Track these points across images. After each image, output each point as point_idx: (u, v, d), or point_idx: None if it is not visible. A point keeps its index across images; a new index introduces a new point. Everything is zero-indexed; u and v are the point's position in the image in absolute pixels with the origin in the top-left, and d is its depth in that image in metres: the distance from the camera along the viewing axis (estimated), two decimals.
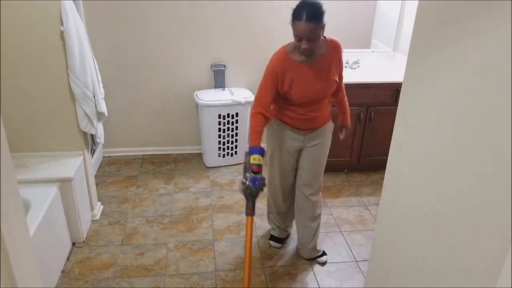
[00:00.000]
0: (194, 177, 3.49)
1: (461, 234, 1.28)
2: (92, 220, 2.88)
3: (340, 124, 2.52)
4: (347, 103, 2.45)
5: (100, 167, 3.59)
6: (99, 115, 2.69)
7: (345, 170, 3.65)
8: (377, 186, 3.43)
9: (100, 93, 2.66)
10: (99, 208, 2.98)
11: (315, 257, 2.60)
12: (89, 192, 2.80)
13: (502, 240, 1.09)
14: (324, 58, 2.14)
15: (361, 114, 3.35)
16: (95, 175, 3.37)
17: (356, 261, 2.62)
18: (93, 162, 3.29)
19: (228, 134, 3.55)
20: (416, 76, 1.53)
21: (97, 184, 3.22)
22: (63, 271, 2.45)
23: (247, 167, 2.09)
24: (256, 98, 2.23)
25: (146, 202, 3.14)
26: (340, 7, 3.65)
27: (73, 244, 2.66)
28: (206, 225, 2.91)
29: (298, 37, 2.00)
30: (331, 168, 3.61)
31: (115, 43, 3.37)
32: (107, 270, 2.48)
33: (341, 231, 2.90)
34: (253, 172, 2.06)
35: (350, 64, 3.62)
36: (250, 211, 2.08)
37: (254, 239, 2.77)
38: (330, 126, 2.38)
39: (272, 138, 2.37)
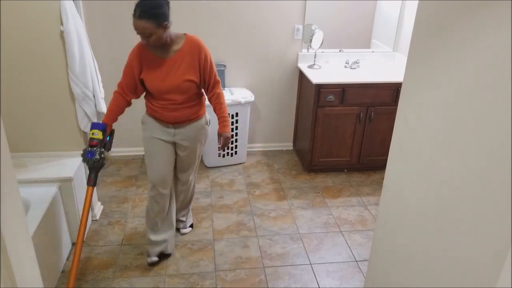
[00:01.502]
0: None
1: (461, 234, 1.28)
2: (92, 220, 2.88)
3: (218, 132, 2.39)
4: (224, 110, 2.33)
5: None
6: (99, 115, 2.69)
7: (345, 170, 3.65)
8: (377, 186, 3.43)
9: (100, 93, 2.66)
10: (99, 208, 2.98)
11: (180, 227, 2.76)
12: None
13: (502, 240, 1.09)
14: (178, 55, 2.16)
15: (361, 114, 3.35)
16: None
17: (356, 261, 2.62)
18: None
19: None
20: (416, 76, 1.53)
21: (97, 184, 3.21)
22: (63, 271, 2.45)
23: (89, 141, 2.24)
24: (119, 82, 2.29)
25: (146, 202, 3.13)
26: (340, 7, 3.66)
27: (73, 244, 2.66)
28: (206, 225, 2.91)
29: (136, 32, 2.05)
30: (331, 168, 3.61)
31: (115, 43, 3.37)
32: (107, 270, 2.48)
33: (341, 231, 2.90)
34: (90, 146, 2.20)
35: (350, 64, 3.62)
36: (90, 181, 2.24)
37: (255, 239, 2.78)
38: (202, 122, 2.36)
39: (144, 131, 2.41)
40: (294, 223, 2.96)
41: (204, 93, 2.37)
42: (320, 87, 3.24)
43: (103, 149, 2.23)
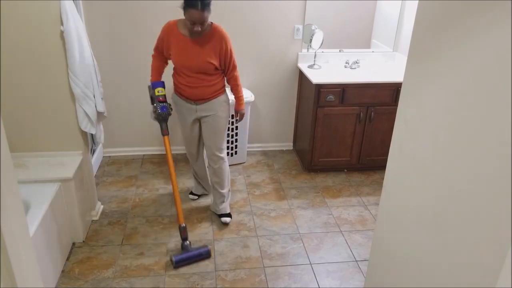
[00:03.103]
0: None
1: (461, 234, 1.28)
2: (92, 220, 2.88)
3: (234, 109, 2.81)
4: (240, 91, 2.74)
5: (100, 167, 3.59)
6: (99, 115, 2.68)
7: (345, 170, 3.65)
8: (377, 186, 3.43)
9: (100, 93, 2.66)
10: (99, 208, 2.98)
11: (220, 215, 2.95)
12: (89, 192, 2.80)
13: (502, 240, 1.09)
14: (203, 38, 2.47)
15: (361, 114, 3.35)
16: (95, 175, 3.37)
17: (356, 261, 2.62)
18: (93, 162, 3.28)
19: (228, 134, 3.55)
20: (416, 76, 1.53)
21: (97, 184, 3.22)
22: (63, 271, 2.45)
23: (154, 98, 2.60)
24: (155, 46, 2.65)
25: (146, 202, 3.14)
26: (340, 7, 3.66)
27: (73, 244, 2.66)
28: (206, 225, 2.91)
29: (192, 21, 2.33)
30: (331, 168, 3.61)
31: (115, 43, 3.37)
32: (107, 270, 2.48)
33: (341, 231, 2.90)
34: (160, 102, 2.57)
35: (350, 64, 3.62)
36: (165, 132, 2.61)
37: (255, 239, 2.78)
38: (221, 99, 2.67)
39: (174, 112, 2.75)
40: (294, 223, 2.96)
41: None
42: (320, 87, 3.24)
43: (169, 103, 2.62)
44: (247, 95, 3.48)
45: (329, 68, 3.56)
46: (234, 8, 3.38)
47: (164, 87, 2.62)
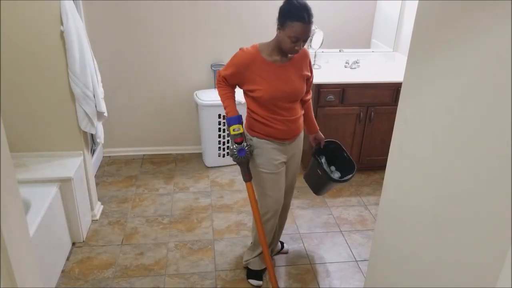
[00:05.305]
0: (194, 177, 3.49)
1: (461, 234, 1.28)
2: (92, 220, 2.88)
3: (314, 135, 2.49)
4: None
5: (100, 167, 3.59)
6: (99, 115, 2.69)
7: None
8: (377, 186, 3.43)
9: (100, 93, 2.66)
10: (99, 208, 2.98)
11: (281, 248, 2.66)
12: (89, 192, 2.80)
13: (502, 240, 1.08)
14: (293, 60, 2.10)
15: (361, 114, 3.35)
16: (95, 175, 3.37)
17: (356, 261, 2.62)
18: (93, 162, 3.29)
19: (228, 134, 3.55)
20: (416, 76, 1.53)
21: (97, 184, 3.22)
22: (63, 271, 2.45)
23: (231, 139, 2.13)
24: (219, 73, 2.15)
25: (146, 202, 3.14)
26: (340, 7, 3.66)
27: (73, 244, 2.66)
28: (206, 225, 2.91)
29: (296, 38, 1.93)
30: None
31: (115, 43, 3.37)
32: (107, 270, 2.48)
33: (341, 231, 2.90)
34: (237, 143, 2.11)
35: (350, 64, 3.62)
36: (247, 177, 2.19)
37: None
38: (302, 132, 2.36)
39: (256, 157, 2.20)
40: (294, 223, 2.96)
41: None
42: (320, 87, 3.24)
43: (246, 143, 2.14)
44: None
45: (329, 68, 3.56)
46: (233, 8, 3.38)
47: (241, 122, 2.14)
